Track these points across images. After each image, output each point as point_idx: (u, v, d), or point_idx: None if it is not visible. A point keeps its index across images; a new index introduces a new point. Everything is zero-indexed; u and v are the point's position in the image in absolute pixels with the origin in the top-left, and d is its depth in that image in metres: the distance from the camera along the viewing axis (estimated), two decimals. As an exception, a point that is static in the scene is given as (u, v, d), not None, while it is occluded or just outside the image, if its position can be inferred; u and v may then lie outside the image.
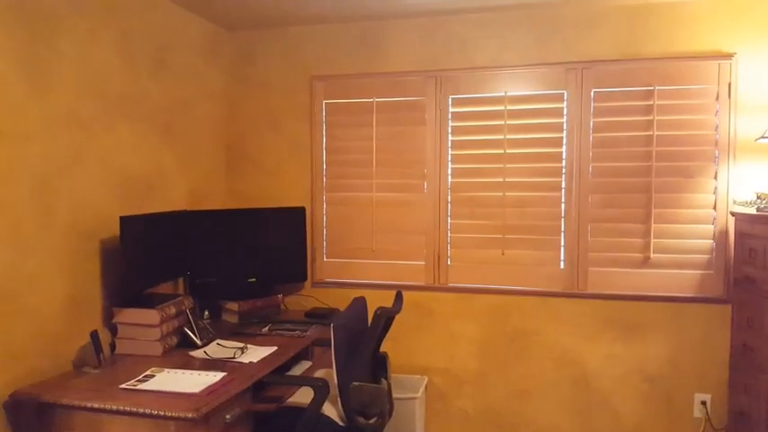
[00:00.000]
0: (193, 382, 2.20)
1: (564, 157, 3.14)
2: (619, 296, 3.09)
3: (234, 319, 3.18)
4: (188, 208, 3.24)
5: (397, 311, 2.62)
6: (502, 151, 3.20)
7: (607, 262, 3.12)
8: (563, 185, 3.15)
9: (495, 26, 3.19)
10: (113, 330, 2.61)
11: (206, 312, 3.23)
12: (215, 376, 2.27)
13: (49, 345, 2.32)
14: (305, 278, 3.42)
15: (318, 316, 3.20)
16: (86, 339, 2.43)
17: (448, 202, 3.31)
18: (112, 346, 2.62)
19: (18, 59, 2.17)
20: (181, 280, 3.20)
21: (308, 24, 3.45)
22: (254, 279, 3.28)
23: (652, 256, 3.04)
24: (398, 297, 2.71)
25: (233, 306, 3.19)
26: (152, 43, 2.95)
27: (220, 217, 3.26)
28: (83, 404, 2.02)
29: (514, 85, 3.18)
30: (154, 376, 2.27)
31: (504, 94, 3.19)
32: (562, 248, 3.17)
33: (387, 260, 3.41)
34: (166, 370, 2.35)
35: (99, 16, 2.58)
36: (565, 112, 3.12)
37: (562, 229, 3.16)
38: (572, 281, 3.15)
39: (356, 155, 3.43)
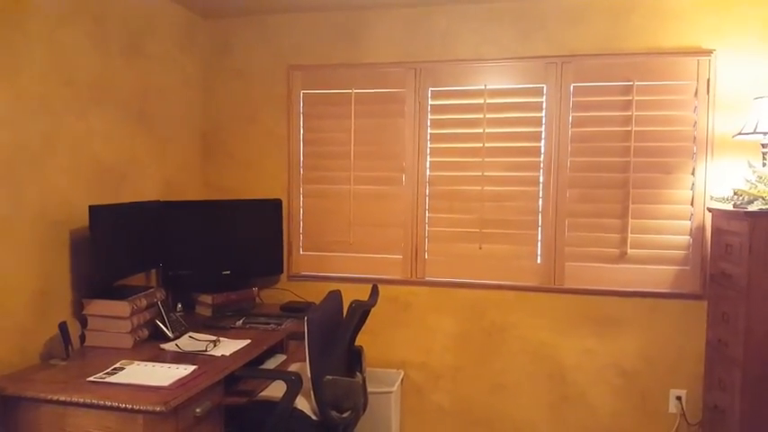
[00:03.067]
0: (163, 375, 2.16)
1: (542, 151, 3.13)
2: (595, 291, 3.10)
3: (207, 312, 3.13)
4: (163, 198, 3.18)
5: (373, 305, 2.60)
6: (481, 145, 3.19)
7: (584, 257, 3.12)
8: (541, 180, 3.14)
9: (477, 19, 3.16)
10: (83, 322, 2.55)
11: (179, 305, 3.16)
12: (185, 369, 2.22)
13: (16, 337, 2.26)
14: (280, 271, 3.38)
15: (294, 309, 3.16)
16: (55, 331, 2.37)
17: (426, 195, 3.28)
18: (82, 338, 2.56)
19: (-18, 42, 2.11)
20: (154, 272, 3.15)
21: (286, 13, 3.39)
22: (228, 272, 3.24)
23: (629, 251, 3.05)
24: (374, 290, 2.69)
25: (206, 299, 3.14)
26: (126, 29, 2.88)
27: (195, 208, 3.20)
28: (48, 397, 1.97)
29: (494, 79, 3.16)
30: (123, 369, 2.23)
31: (483, 87, 3.17)
32: (539, 243, 3.16)
33: (364, 253, 3.38)
34: (136, 362, 2.30)
35: (70, 1, 2.51)
36: (544, 107, 3.11)
37: (539, 224, 3.16)
38: (549, 275, 3.15)
39: (334, 147, 3.39)
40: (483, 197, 3.21)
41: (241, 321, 2.96)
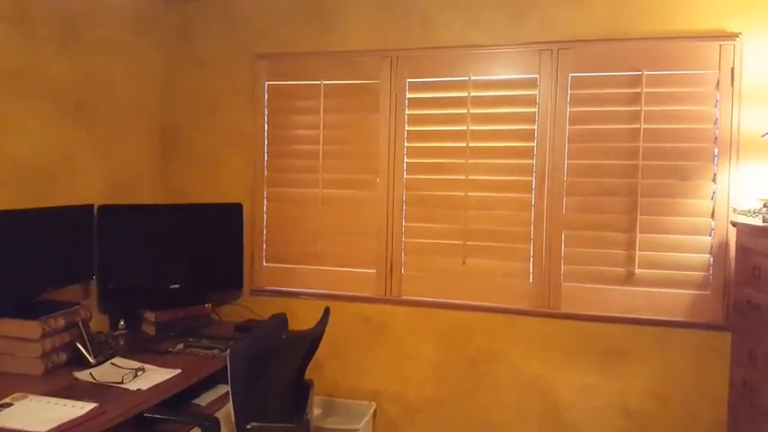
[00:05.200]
0: (51, 415, 1.80)
1: (535, 152, 2.68)
2: (597, 317, 2.64)
3: (152, 332, 2.78)
4: (109, 202, 2.84)
5: (318, 334, 2.20)
6: (464, 144, 2.76)
7: (583, 277, 2.66)
8: (533, 186, 2.69)
9: (462, 0, 2.74)
10: (-9, 344, 2.22)
11: (121, 322, 2.83)
12: (81, 408, 1.86)
13: None
14: (239, 285, 3.00)
15: (250, 329, 2.78)
16: (-53, 355, 2.04)
17: (402, 201, 2.87)
18: (-11, 363, 2.23)
19: None
20: (95, 286, 2.80)
21: (252, -5, 3.03)
22: (177, 285, 2.87)
23: (637, 271, 2.58)
24: (325, 315, 2.29)
25: (150, 316, 2.78)
26: (58, 12, 2.53)
27: (139, 213, 2.83)
28: None
29: (480, 69, 2.73)
30: (11, 405, 1.87)
31: (467, 78, 2.74)
32: (531, 259, 2.72)
33: (334, 266, 2.98)
34: (30, 396, 1.94)
35: (-24, -27, 2.18)
36: (537, 101, 2.67)
37: (532, 237, 2.71)
38: (543, 297, 2.70)
39: (301, 145, 3.00)
40: (467, 204, 2.78)
41: (181, 344, 2.59)
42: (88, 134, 2.74)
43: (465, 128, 2.75)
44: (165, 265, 2.86)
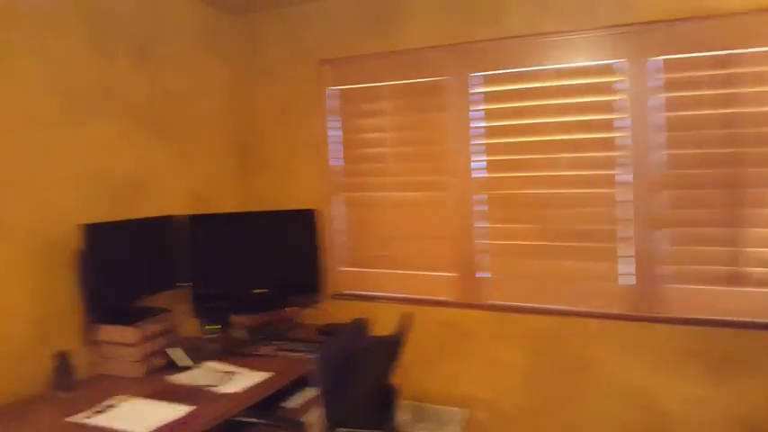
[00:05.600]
0: (151, 417, 1.89)
1: (619, 144, 2.53)
2: (703, 321, 2.42)
3: (242, 335, 2.87)
4: (191, 212, 2.97)
5: (399, 341, 2.18)
6: (542, 138, 2.66)
7: (685, 277, 2.47)
8: (619, 180, 2.55)
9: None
10: (98, 348, 2.37)
11: (213, 327, 2.94)
12: (179, 411, 1.94)
13: (13, 367, 2.10)
14: (317, 290, 3.03)
15: (332, 333, 2.81)
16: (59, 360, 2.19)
17: (478, 201, 2.80)
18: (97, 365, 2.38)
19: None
20: (190, 292, 2.92)
21: (313, 2, 3.06)
22: (262, 290, 2.95)
23: (746, 269, 2.37)
24: (406, 321, 2.27)
25: (240, 320, 2.88)
26: (130, 31, 2.66)
27: (222, 222, 2.94)
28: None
29: (555, 57, 2.62)
30: (115, 406, 1.99)
31: (541, 68, 2.63)
32: (620, 259, 2.56)
33: (411, 270, 2.95)
34: (132, 399, 2.06)
35: (61, 2, 2.33)
36: (619, 88, 2.52)
37: (619, 235, 2.56)
38: (638, 300, 2.54)
39: (369, 148, 3.01)
40: (550, 202, 2.67)
41: (272, 347, 2.65)
42: (167, 147, 2.86)
43: (541, 120, 2.65)
44: (249, 270, 2.95)
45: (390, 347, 2.19)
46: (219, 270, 2.90)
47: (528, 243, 2.72)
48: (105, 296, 2.32)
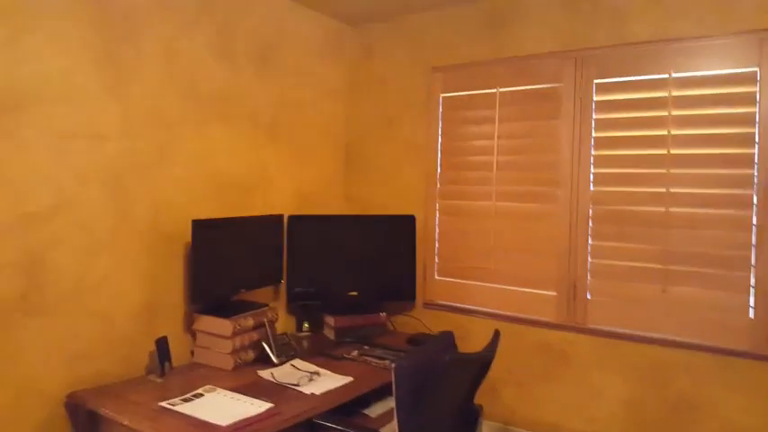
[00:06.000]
0: (233, 410, 1.95)
1: (756, 160, 2.22)
2: None
3: (332, 336, 2.90)
4: (296, 212, 3.05)
5: (485, 359, 2.06)
6: (664, 152, 2.40)
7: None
8: (755, 201, 2.24)
9: (659, -13, 2.41)
10: (195, 337, 2.50)
11: (305, 325, 3.00)
12: (259, 407, 1.99)
13: (120, 348, 2.26)
14: (413, 297, 2.99)
15: (420, 343, 2.75)
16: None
17: (588, 216, 2.60)
18: (193, 353, 2.51)
19: (94, 60, 2.13)
20: (284, 289, 3.01)
21: (429, 10, 3.03)
22: (355, 293, 2.96)
23: None
24: (494, 339, 2.14)
25: (330, 321, 2.91)
26: (255, 41, 2.80)
27: (321, 223, 2.98)
28: (113, 417, 1.91)
29: (683, 64, 2.36)
30: (202, 396, 2.08)
31: (667, 76, 2.38)
32: (753, 290, 2.25)
33: (509, 285, 2.81)
34: (218, 390, 2.14)
35: (191, 13, 2.48)
36: (758, 99, 2.21)
37: (753, 263, 2.25)
38: None
39: (475, 156, 2.90)
40: (668, 221, 2.41)
41: (356, 352, 2.65)
42: (280, 150, 2.97)
43: (665, 132, 2.40)
44: (344, 272, 2.97)
45: (476, 365, 2.08)
46: (316, 270, 2.95)
47: (638, 264, 2.48)
48: (208, 288, 2.44)
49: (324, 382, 2.27)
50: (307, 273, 2.94)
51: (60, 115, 2.04)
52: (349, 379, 2.32)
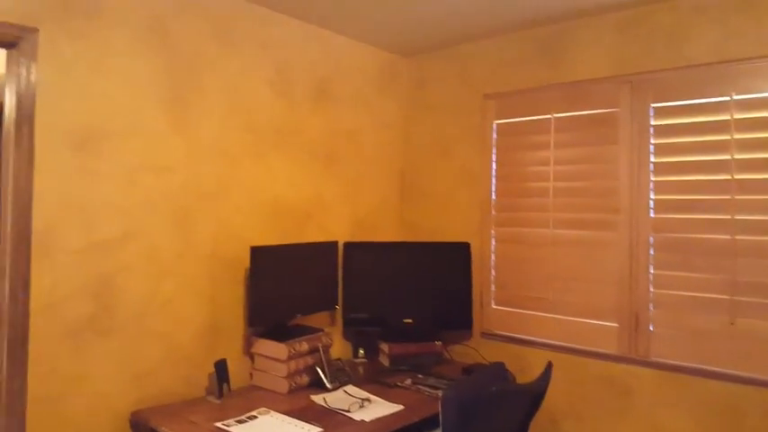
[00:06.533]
0: (283, 433, 2.00)
1: (831, 185, 2.08)
2: None
3: (386, 363, 2.91)
4: (351, 239, 3.12)
5: (536, 391, 2.02)
6: (728, 177, 2.30)
7: None
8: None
9: (717, 8, 2.33)
10: (253, 360, 2.59)
11: (361, 351, 3.04)
12: (309, 431, 2.03)
13: (182, 368, 2.38)
14: (468, 326, 2.97)
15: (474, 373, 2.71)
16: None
17: (649, 244, 2.50)
18: (252, 376, 2.60)
19: (161, 98, 2.31)
20: (340, 315, 3.06)
21: (480, 39, 3.06)
22: (410, 320, 2.97)
23: None
24: (546, 371, 2.10)
25: (385, 347, 2.93)
26: (312, 76, 2.92)
27: (376, 250, 3.03)
28: (171, 437, 2.00)
29: (745, 86, 2.26)
30: (255, 418, 2.15)
31: (729, 98, 2.29)
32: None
33: (568, 316, 2.73)
34: (272, 413, 2.20)
35: (251, 53, 2.63)
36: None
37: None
38: None
39: (530, 183, 2.87)
40: (734, 250, 2.29)
41: (409, 380, 2.65)
42: (336, 178, 3.06)
43: (728, 157, 2.29)
44: (399, 299, 2.99)
45: (526, 396, 2.04)
46: (371, 296, 2.99)
47: (703, 295, 2.36)
48: (265, 312, 2.53)
49: (374, 409, 2.28)
50: (362, 299, 2.99)
51: (130, 150, 2.22)
52: (400, 407, 2.32)
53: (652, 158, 2.50)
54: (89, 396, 2.10)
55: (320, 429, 2.04)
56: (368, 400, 2.38)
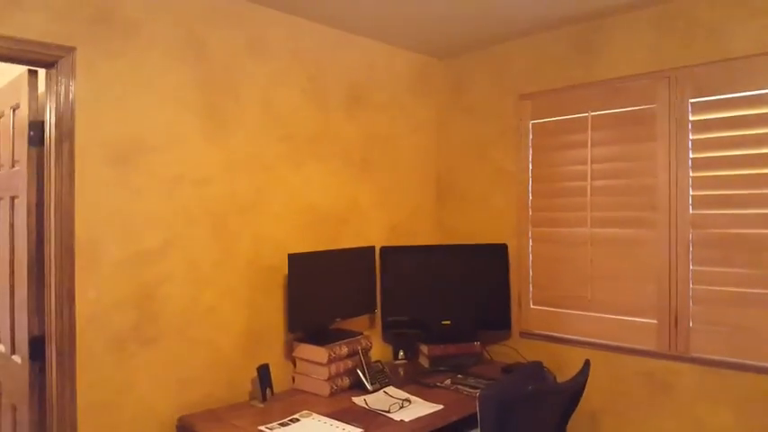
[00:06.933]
0: (325, 435, 2.05)
1: None
2: None
3: (426, 364, 2.93)
4: (388, 242, 3.14)
5: (573, 389, 2.02)
6: (763, 171, 2.23)
7: None
8: None
9: (757, 1, 2.26)
10: (295, 364, 2.64)
11: (401, 353, 3.07)
12: (350, 432, 2.07)
13: (225, 374, 2.45)
14: (507, 326, 2.97)
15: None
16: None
17: (689, 241, 2.45)
18: (294, 380, 2.65)
19: (197, 111, 2.38)
20: (379, 318, 3.09)
21: (515, 39, 3.05)
22: (448, 321, 2.98)
23: None
24: (584, 369, 2.09)
25: (425, 349, 2.95)
26: (345, 83, 2.95)
27: (413, 253, 3.06)
28: (217, 441, 2.06)
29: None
30: (298, 421, 2.20)
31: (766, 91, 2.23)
32: None
33: (607, 314, 2.70)
34: (315, 416, 2.25)
35: (284, 62, 2.68)
36: None
37: None
38: None
39: (567, 182, 2.84)
40: (779, 245, 2.23)
41: (449, 380, 2.66)
42: (372, 183, 3.09)
43: (765, 151, 2.23)
44: (437, 301, 3.01)
45: (563, 395, 2.04)
46: (409, 299, 3.02)
47: (744, 290, 2.31)
48: (304, 317, 2.58)
49: (414, 410, 2.31)
50: (400, 302, 3.01)
51: (168, 162, 2.29)
52: (439, 407, 2.35)
53: (691, 154, 2.44)
54: (136, 403, 2.18)
55: (361, 430, 2.09)
56: (408, 400, 2.41)
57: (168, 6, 2.27)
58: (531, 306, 2.98)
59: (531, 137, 2.99)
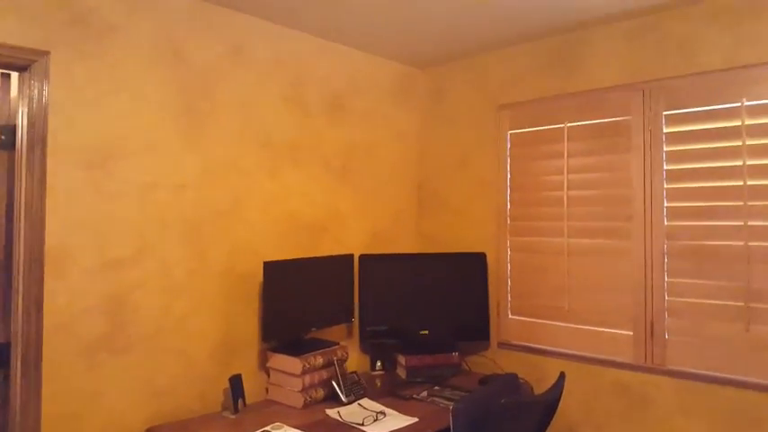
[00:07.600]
0: (296, 448, 2.01)
1: None
2: None
3: (404, 375, 2.91)
4: (368, 251, 3.13)
5: (547, 402, 2.00)
6: (740, 183, 2.26)
7: None
8: None
9: (729, 16, 2.31)
10: (269, 375, 2.61)
11: (378, 363, 3.04)
12: (321, 445, 2.04)
13: (197, 384, 2.41)
14: (486, 337, 2.95)
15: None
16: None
17: (664, 252, 2.47)
18: (267, 391, 2.61)
19: (173, 115, 2.35)
20: (357, 327, 3.07)
21: (495, 50, 3.07)
22: (426, 331, 2.96)
23: None
24: (558, 381, 2.08)
25: (402, 360, 2.92)
26: (327, 90, 2.95)
27: (389, 261, 3.04)
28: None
29: (755, 92, 2.23)
30: (269, 433, 2.16)
31: (740, 104, 2.25)
32: None
33: (584, 325, 2.70)
34: (285, 428, 2.21)
35: (265, 69, 2.67)
36: None
37: None
38: None
39: (544, 192, 2.85)
40: (749, 256, 2.25)
41: (425, 392, 2.64)
42: (352, 191, 3.08)
43: (740, 163, 2.26)
44: (415, 310, 2.99)
45: (538, 407, 2.03)
46: (388, 308, 2.99)
47: (718, 302, 2.32)
48: (279, 327, 2.55)
49: (388, 423, 2.28)
50: (379, 311, 2.99)
51: (143, 167, 2.26)
52: (414, 419, 2.32)
53: (665, 166, 2.47)
54: (104, 414, 2.13)
55: (333, 444, 2.05)
56: (382, 413, 2.38)
57: (147, 11, 2.26)
58: (510, 316, 2.98)
59: (509, 146, 3.00)
